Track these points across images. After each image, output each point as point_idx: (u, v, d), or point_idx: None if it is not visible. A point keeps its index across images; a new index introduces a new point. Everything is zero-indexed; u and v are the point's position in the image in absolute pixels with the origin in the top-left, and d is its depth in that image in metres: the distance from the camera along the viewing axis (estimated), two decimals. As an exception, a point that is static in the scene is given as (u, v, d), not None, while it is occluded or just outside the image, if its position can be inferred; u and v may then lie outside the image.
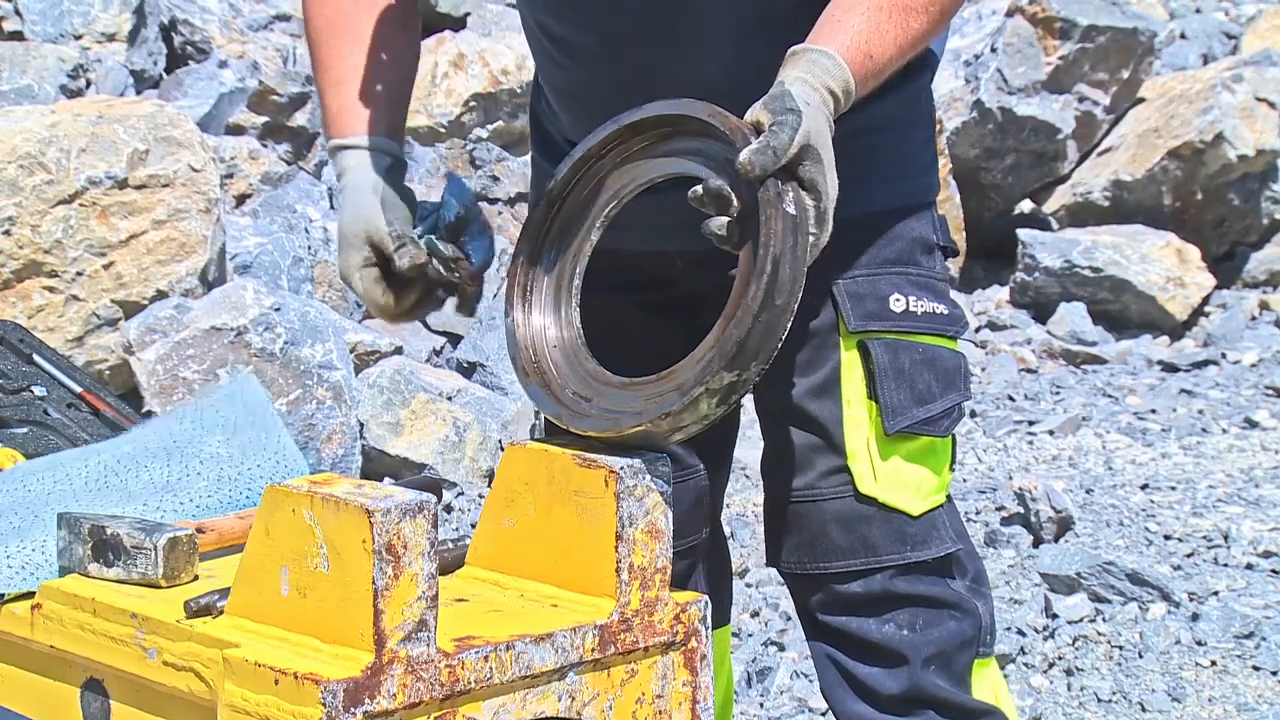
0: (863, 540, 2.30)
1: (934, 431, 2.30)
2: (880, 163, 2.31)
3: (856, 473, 2.29)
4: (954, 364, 2.33)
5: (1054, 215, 7.54)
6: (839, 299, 2.28)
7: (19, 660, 2.06)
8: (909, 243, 2.32)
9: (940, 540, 2.32)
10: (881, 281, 2.30)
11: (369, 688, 1.77)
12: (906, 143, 2.35)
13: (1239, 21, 8.74)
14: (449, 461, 5.02)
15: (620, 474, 1.96)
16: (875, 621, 2.32)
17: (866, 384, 2.28)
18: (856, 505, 2.29)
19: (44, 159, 4.90)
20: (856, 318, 2.28)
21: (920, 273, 2.32)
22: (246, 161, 5.94)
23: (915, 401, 2.28)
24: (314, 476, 1.86)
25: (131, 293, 4.97)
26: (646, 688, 2.00)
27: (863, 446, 2.29)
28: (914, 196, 2.35)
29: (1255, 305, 7.24)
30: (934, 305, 2.32)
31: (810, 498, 2.32)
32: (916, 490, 2.30)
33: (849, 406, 2.29)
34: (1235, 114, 7.28)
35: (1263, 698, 3.83)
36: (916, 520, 2.30)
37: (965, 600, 2.34)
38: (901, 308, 2.29)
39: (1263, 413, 6.03)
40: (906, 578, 2.31)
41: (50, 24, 6.15)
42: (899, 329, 2.29)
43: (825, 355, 2.29)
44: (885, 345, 2.28)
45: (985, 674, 2.38)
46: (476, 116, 6.39)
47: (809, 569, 2.34)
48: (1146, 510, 5.01)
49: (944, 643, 2.32)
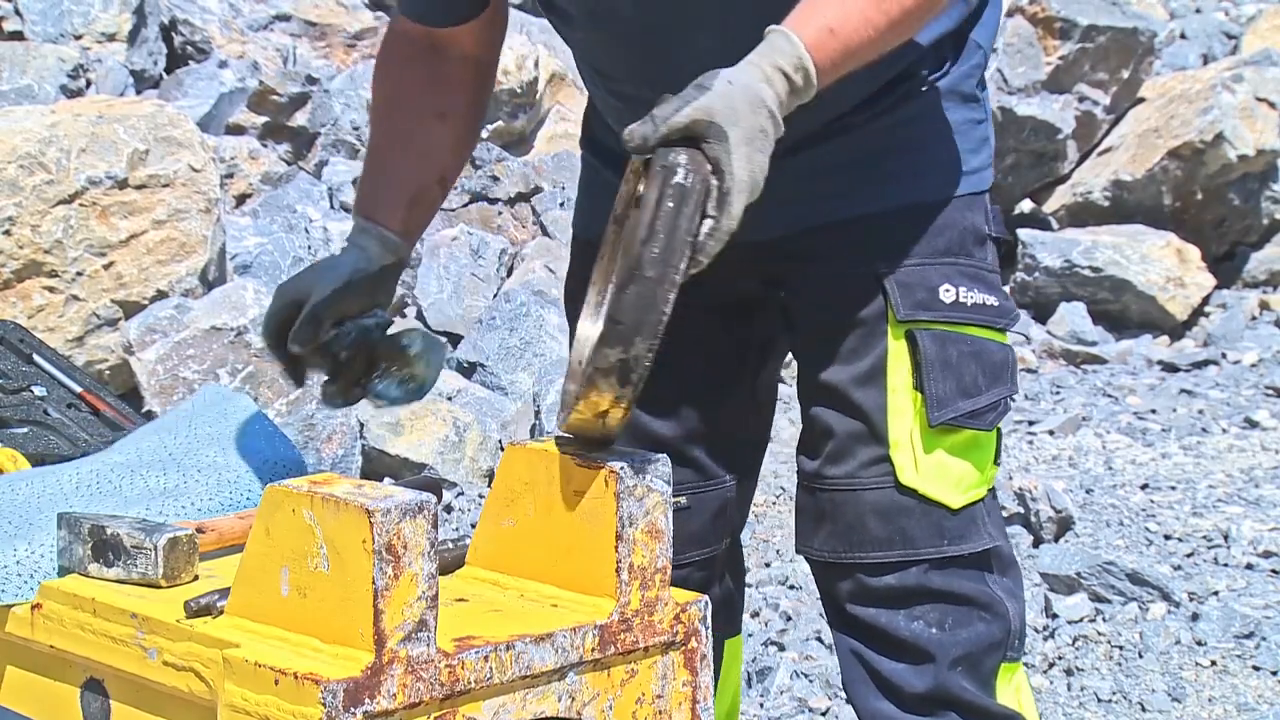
0: (901, 532, 2.28)
1: (978, 425, 2.28)
2: (931, 153, 2.30)
3: (898, 463, 2.27)
4: (1002, 357, 2.31)
5: (1054, 215, 7.54)
6: (888, 288, 2.26)
7: (19, 660, 2.06)
8: (961, 233, 2.30)
9: (979, 535, 2.30)
10: (932, 271, 2.28)
11: (369, 688, 1.77)
12: (958, 133, 2.33)
13: (1239, 21, 8.74)
14: (449, 461, 5.02)
15: (620, 474, 1.96)
16: (904, 617, 2.29)
17: (913, 374, 2.26)
18: (897, 496, 2.27)
19: (44, 159, 4.90)
20: (906, 307, 2.26)
21: (972, 263, 2.30)
22: (246, 161, 5.95)
23: (961, 394, 2.26)
24: (314, 476, 1.86)
25: (131, 293, 4.97)
26: (646, 688, 2.00)
27: (905, 437, 2.27)
28: (967, 186, 2.33)
29: (1255, 305, 7.23)
30: (985, 297, 2.30)
31: (850, 487, 2.29)
32: (958, 484, 2.28)
33: (894, 395, 2.27)
34: (1235, 114, 7.28)
35: (1263, 698, 3.82)
36: (956, 514, 2.28)
37: (998, 602, 2.31)
38: (951, 298, 2.27)
39: (1263, 413, 6.02)
40: (942, 572, 2.29)
41: (50, 24, 6.15)
42: (948, 320, 2.27)
43: (872, 343, 2.27)
44: (933, 336, 2.26)
45: (1011, 678, 2.36)
46: (476, 116, 6.38)
47: (843, 558, 2.31)
48: (1146, 510, 5.01)
49: (972, 644, 2.30)
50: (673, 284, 1.91)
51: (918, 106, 2.24)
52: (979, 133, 2.35)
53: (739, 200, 1.96)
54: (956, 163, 2.32)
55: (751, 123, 1.97)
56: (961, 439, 2.28)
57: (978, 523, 2.30)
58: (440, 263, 5.91)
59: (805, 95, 2.04)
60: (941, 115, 2.30)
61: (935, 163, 2.30)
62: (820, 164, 2.29)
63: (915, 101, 2.22)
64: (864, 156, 2.29)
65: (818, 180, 2.30)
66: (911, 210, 2.27)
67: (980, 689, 2.31)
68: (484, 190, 6.31)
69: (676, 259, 1.91)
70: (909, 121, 2.23)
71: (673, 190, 1.91)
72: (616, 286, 1.93)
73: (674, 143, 1.95)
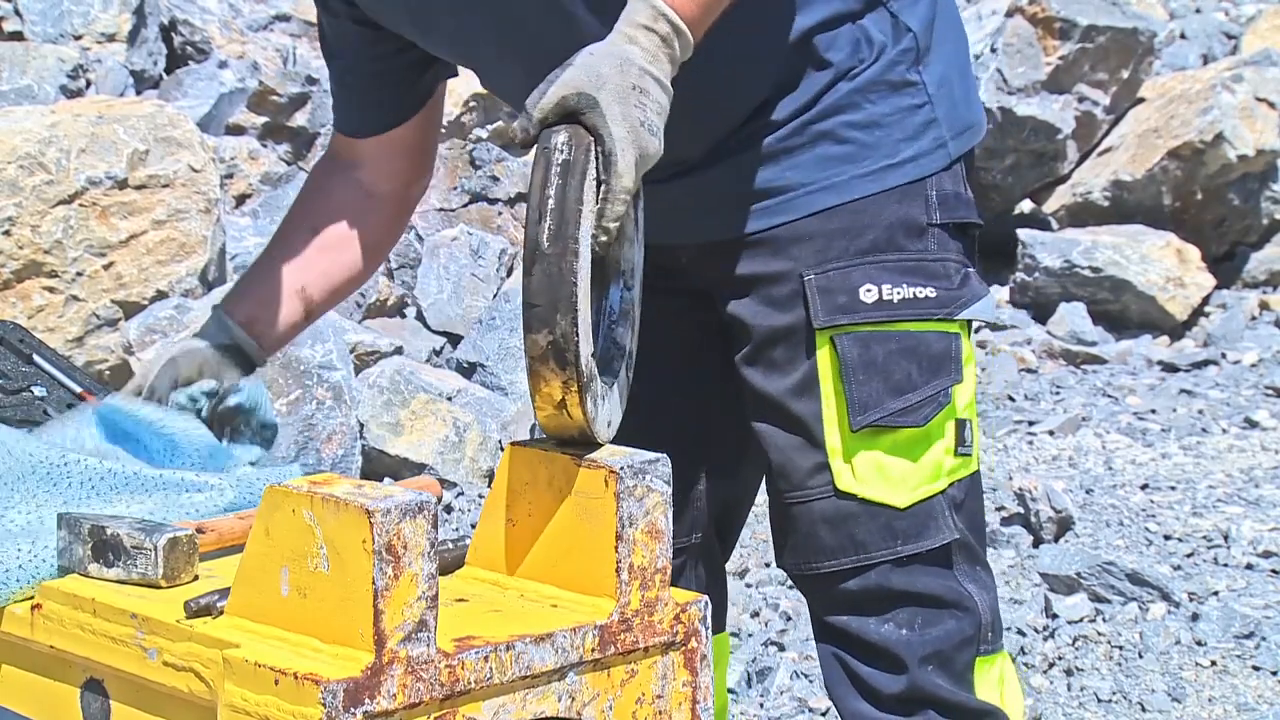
0: (850, 538, 2.28)
1: (911, 422, 2.26)
2: (852, 152, 2.27)
3: (835, 470, 2.27)
4: (942, 347, 2.29)
5: (1054, 215, 7.54)
6: (809, 295, 2.25)
7: (19, 660, 2.06)
8: (886, 228, 2.27)
9: (936, 530, 2.29)
10: (854, 273, 2.26)
11: (369, 688, 1.77)
12: (886, 125, 2.29)
13: (1239, 21, 8.74)
14: (449, 461, 5.02)
15: (620, 474, 1.96)
16: (875, 621, 2.30)
17: (837, 380, 2.26)
18: (839, 503, 2.27)
19: (44, 159, 4.90)
20: (824, 313, 2.25)
21: (902, 257, 2.28)
22: (246, 161, 5.95)
23: (891, 393, 2.25)
24: (314, 476, 1.86)
25: (131, 293, 4.97)
26: (646, 688, 2.00)
27: (839, 444, 2.27)
28: (899, 178, 2.30)
29: (1255, 305, 7.23)
30: (917, 290, 2.27)
31: (800, 499, 2.30)
32: (901, 483, 2.27)
33: (826, 403, 2.26)
34: (1235, 114, 7.28)
35: (1263, 698, 3.83)
36: (905, 512, 2.27)
37: (966, 597, 2.32)
38: (874, 298, 2.25)
39: (1263, 413, 6.02)
40: (903, 571, 2.28)
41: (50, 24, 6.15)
42: (872, 320, 2.25)
43: (802, 353, 2.27)
44: (854, 339, 2.25)
45: (989, 672, 2.36)
46: (476, 116, 6.39)
47: (804, 570, 2.33)
48: (1146, 510, 5.01)
49: (942, 642, 2.30)
50: (574, 254, 1.93)
51: (831, 108, 2.23)
52: (917, 119, 2.30)
53: (624, 158, 1.98)
54: (884, 157, 2.28)
55: (620, 81, 1.98)
56: (900, 438, 2.27)
57: (936, 518, 2.29)
58: (440, 263, 5.91)
59: (679, 42, 2.04)
60: (864, 111, 2.27)
61: (856, 162, 2.27)
62: (736, 175, 2.27)
63: (827, 103, 2.21)
64: (779, 167, 2.27)
65: (734, 193, 2.29)
66: (831, 214, 2.26)
67: (956, 685, 2.32)
68: (484, 190, 6.31)
69: (571, 229, 1.94)
70: (805, 126, 2.22)
71: (557, 168, 1.95)
72: (524, 272, 1.95)
73: (552, 124, 1.98)
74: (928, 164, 2.32)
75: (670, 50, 2.04)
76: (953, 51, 2.37)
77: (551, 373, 1.95)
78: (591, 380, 1.98)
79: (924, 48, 2.31)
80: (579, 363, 1.95)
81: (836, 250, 2.26)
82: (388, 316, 5.81)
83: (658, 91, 2.02)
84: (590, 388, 1.98)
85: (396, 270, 5.86)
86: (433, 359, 5.67)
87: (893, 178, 2.29)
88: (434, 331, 5.80)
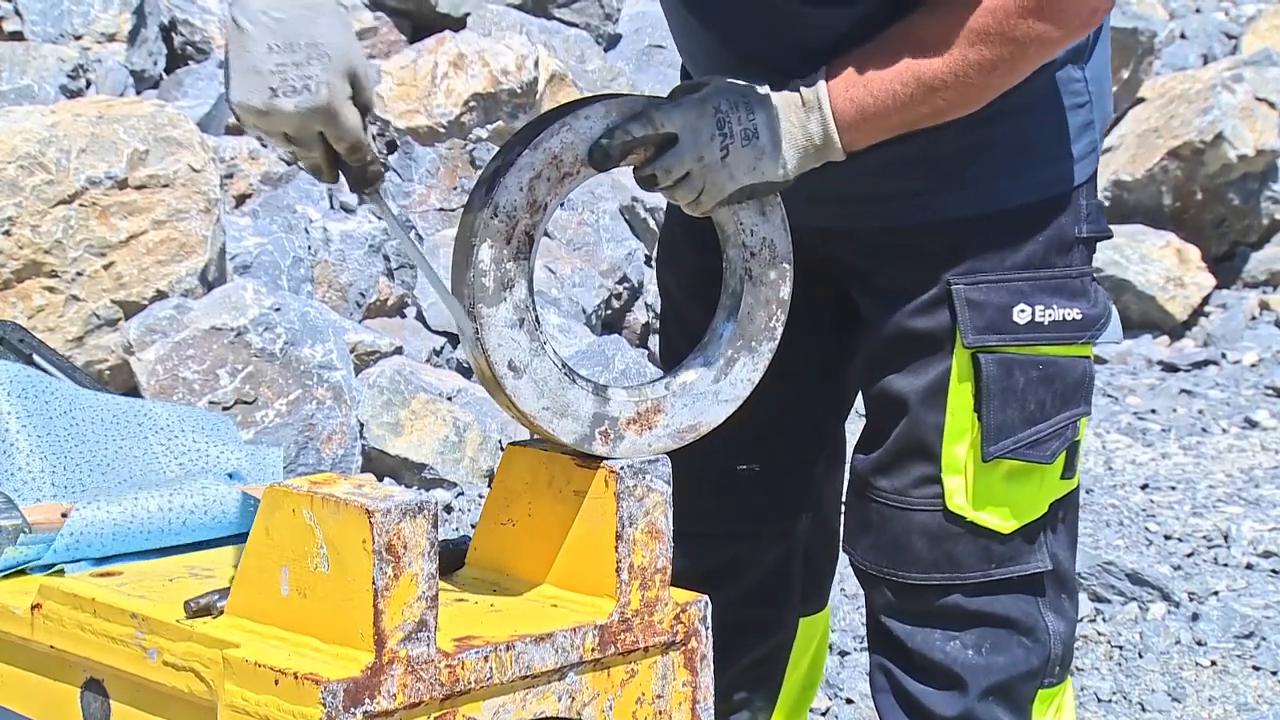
0: (948, 556, 2.19)
1: (1038, 458, 2.17)
2: (1005, 155, 2.15)
3: (949, 487, 2.18)
4: (1078, 375, 2.19)
5: (1054, 215, 7.54)
6: (958, 305, 2.14)
7: (19, 660, 2.06)
8: (1043, 243, 2.16)
9: (1031, 557, 2.21)
10: (1007, 289, 2.14)
11: (369, 688, 1.77)
12: (1041, 129, 2.16)
13: (1239, 21, 8.74)
14: (449, 461, 5.02)
15: (620, 474, 1.96)
16: (940, 637, 2.22)
17: (974, 399, 2.15)
18: (945, 521, 2.18)
19: (44, 159, 4.89)
20: (974, 330, 2.14)
21: (1052, 274, 2.16)
22: (246, 161, 5.94)
23: (1024, 422, 2.15)
24: (314, 476, 1.86)
25: (131, 293, 4.97)
26: (646, 688, 2.00)
27: (958, 462, 2.17)
28: (1051, 187, 2.17)
29: (1255, 305, 7.24)
30: (1065, 311, 2.16)
31: (898, 504, 2.21)
32: (1011, 511, 2.19)
33: (953, 417, 2.16)
34: (1235, 114, 7.28)
35: (1263, 698, 3.82)
36: (1007, 538, 2.19)
37: (1041, 628, 2.23)
38: (1026, 319, 2.14)
39: (1263, 413, 6.02)
40: (986, 595, 2.20)
41: (50, 24, 6.14)
42: (1020, 343, 2.15)
43: (938, 360, 2.16)
44: (999, 361, 2.14)
45: (1048, 705, 2.27)
46: (476, 116, 6.39)
47: (885, 573, 2.24)
48: (1146, 510, 5.01)
49: (1008, 671, 2.22)
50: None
51: (1022, 95, 2.07)
52: (1078, 120, 2.18)
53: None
54: (1050, 159, 2.17)
55: (702, 124, 1.98)
56: (1020, 467, 2.18)
57: (1033, 544, 2.21)
58: (440, 263, 5.91)
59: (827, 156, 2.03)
60: (1015, 113, 2.13)
61: (1010, 166, 2.15)
62: (898, 158, 2.13)
63: (1021, 89, 2.05)
64: (946, 154, 2.14)
65: (893, 177, 2.16)
66: (985, 220, 2.14)
67: (1014, 717, 2.23)
68: (484, 190, 6.30)
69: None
70: (970, 128, 2.07)
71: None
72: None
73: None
74: (1080, 170, 2.20)
75: (813, 164, 2.03)
76: (1104, 44, 2.25)
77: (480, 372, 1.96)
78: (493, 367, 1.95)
79: (1089, 41, 2.19)
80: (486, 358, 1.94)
81: (991, 262, 2.15)
82: (388, 316, 5.80)
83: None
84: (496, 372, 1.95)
85: (396, 270, 5.85)
86: (433, 359, 5.67)
87: (1052, 185, 2.17)
88: (434, 331, 5.79)
